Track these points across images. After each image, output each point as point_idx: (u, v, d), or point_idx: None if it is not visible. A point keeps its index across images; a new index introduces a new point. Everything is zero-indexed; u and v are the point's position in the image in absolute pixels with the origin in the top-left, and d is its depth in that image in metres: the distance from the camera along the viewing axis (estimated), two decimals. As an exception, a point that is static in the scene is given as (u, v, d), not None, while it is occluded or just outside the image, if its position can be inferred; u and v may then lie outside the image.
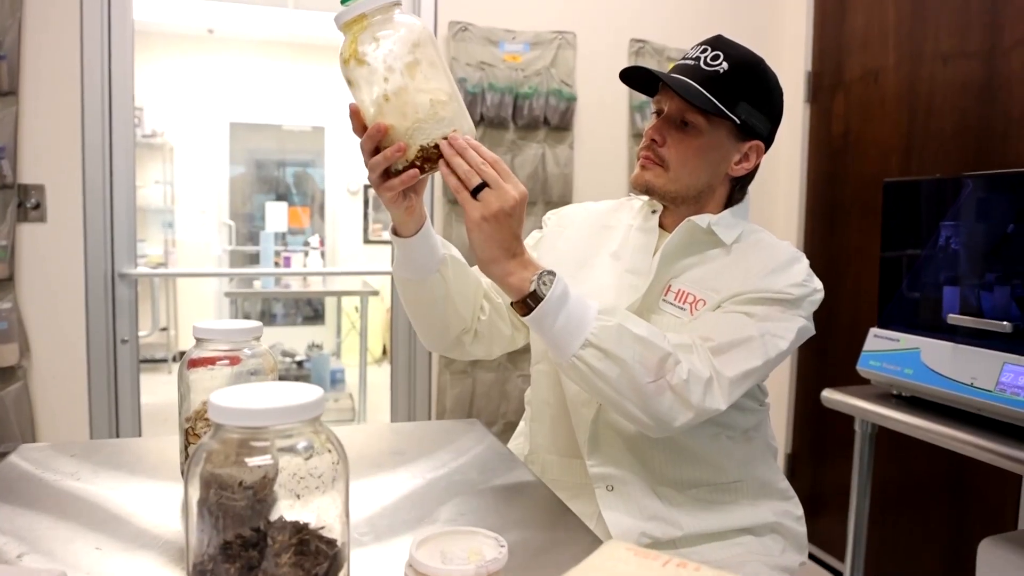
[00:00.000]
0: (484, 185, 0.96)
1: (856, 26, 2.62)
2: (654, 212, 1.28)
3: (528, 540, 0.92)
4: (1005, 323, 1.52)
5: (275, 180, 6.69)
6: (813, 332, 1.19)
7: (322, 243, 6.41)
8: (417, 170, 0.96)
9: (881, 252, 1.89)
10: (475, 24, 2.61)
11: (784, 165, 2.95)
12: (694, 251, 1.22)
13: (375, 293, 4.53)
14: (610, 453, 1.21)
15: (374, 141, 0.95)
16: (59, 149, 2.32)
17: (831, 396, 1.85)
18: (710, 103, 1.15)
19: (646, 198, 1.30)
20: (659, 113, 1.22)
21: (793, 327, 1.14)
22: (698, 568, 0.57)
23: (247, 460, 0.63)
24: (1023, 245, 1.57)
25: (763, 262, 1.18)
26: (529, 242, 1.38)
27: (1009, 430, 1.47)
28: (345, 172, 6.44)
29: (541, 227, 1.42)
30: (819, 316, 1.20)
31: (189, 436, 0.97)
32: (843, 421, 1.90)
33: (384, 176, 0.98)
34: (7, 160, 2.24)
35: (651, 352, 1.02)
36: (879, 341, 1.79)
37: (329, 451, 0.66)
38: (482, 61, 2.60)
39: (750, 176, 1.26)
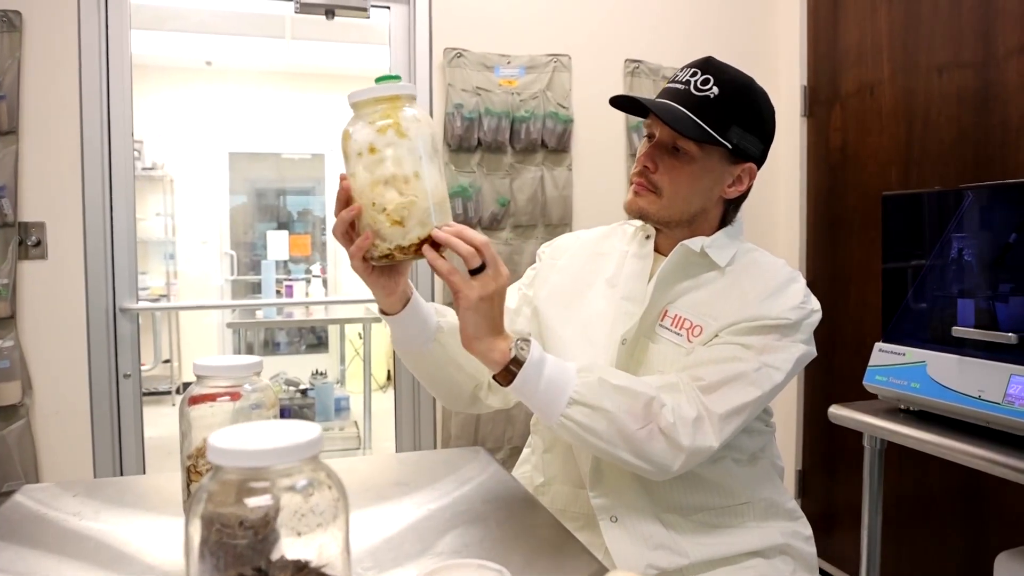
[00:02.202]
0: (482, 267, 0.98)
1: (850, 40, 2.63)
2: (648, 238, 1.28)
3: (532, 570, 0.91)
4: (1011, 334, 1.51)
5: (276, 208, 6.71)
6: (814, 355, 1.18)
7: (323, 271, 6.42)
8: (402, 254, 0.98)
9: (883, 265, 1.88)
10: (470, 50, 2.62)
11: (783, 180, 2.95)
12: (689, 275, 1.22)
13: (378, 320, 4.52)
14: (613, 484, 1.19)
15: (349, 216, 0.99)
16: (59, 186, 2.33)
17: (838, 412, 1.84)
18: (701, 131, 1.15)
19: (639, 223, 1.29)
20: (651, 137, 1.22)
21: (791, 356, 1.13)
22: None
23: (247, 500, 0.62)
24: (1026, 255, 1.57)
25: (759, 286, 1.17)
26: (525, 280, 1.39)
27: (1018, 442, 1.46)
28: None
29: (536, 261, 1.42)
30: (824, 331, 1.20)
31: (191, 474, 0.96)
32: (853, 437, 1.88)
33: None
34: (8, 199, 2.25)
35: (634, 400, 1.04)
36: (884, 356, 1.78)
37: (329, 488, 0.65)
38: (478, 86, 2.62)
39: (743, 197, 1.26)
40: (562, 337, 1.26)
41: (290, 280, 5.70)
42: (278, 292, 5.44)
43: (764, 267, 1.22)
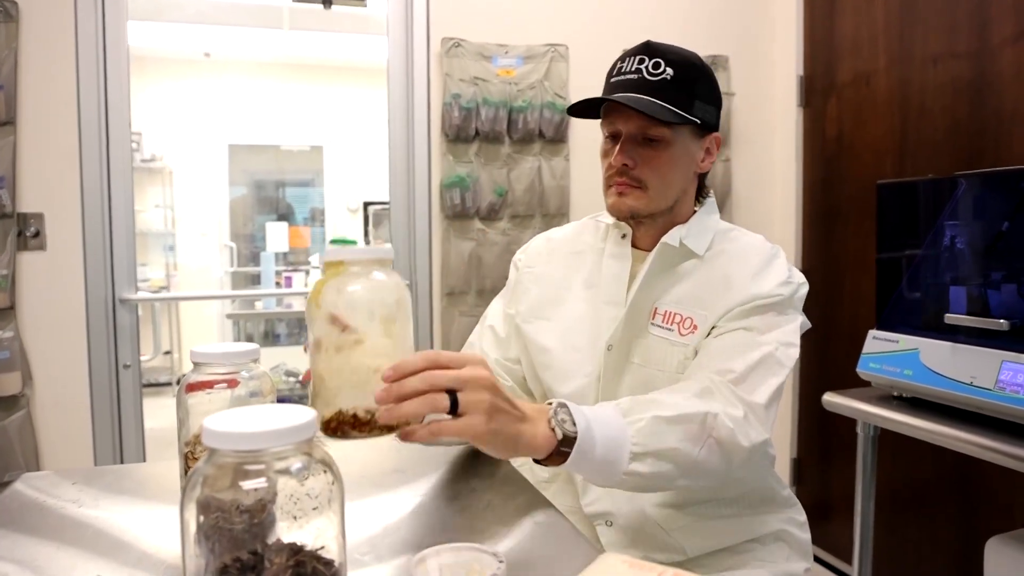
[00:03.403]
0: (454, 399, 0.82)
1: (846, 30, 2.63)
2: (624, 236, 1.26)
3: (528, 556, 0.92)
4: (1003, 321, 1.52)
5: (275, 200, 6.71)
6: (809, 325, 1.19)
7: (323, 262, 6.41)
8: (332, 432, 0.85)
9: (877, 254, 1.89)
10: (468, 40, 2.62)
11: (779, 170, 2.95)
12: (669, 268, 1.21)
13: (377, 310, 4.53)
14: (604, 489, 1.20)
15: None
16: (57, 177, 2.33)
17: (832, 399, 1.85)
18: (674, 114, 1.14)
19: (612, 220, 1.28)
20: (614, 136, 1.21)
21: (794, 328, 1.14)
22: (692, 578, 0.57)
23: (242, 484, 0.63)
24: (1018, 242, 1.57)
25: (742, 268, 1.17)
26: (506, 296, 1.39)
27: (1010, 428, 1.47)
28: (344, 190, 6.47)
29: (513, 269, 1.42)
30: (819, 319, 1.21)
31: (188, 460, 0.97)
32: (847, 424, 1.89)
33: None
34: (6, 189, 2.25)
35: (690, 423, 0.98)
36: (878, 343, 1.79)
37: (324, 472, 0.66)
38: (475, 76, 2.62)
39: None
40: (545, 347, 1.26)
41: (289, 271, 5.71)
42: (277, 284, 5.45)
43: (744, 247, 1.21)
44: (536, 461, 0.92)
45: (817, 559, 2.76)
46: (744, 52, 2.89)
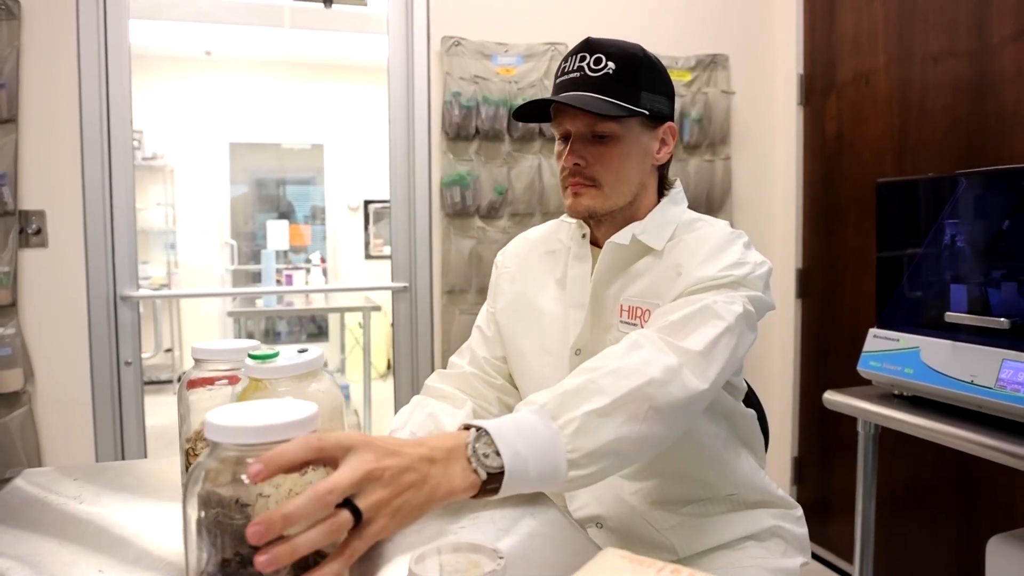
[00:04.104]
0: (352, 508, 0.66)
1: (846, 28, 2.63)
2: (584, 236, 1.25)
3: (527, 552, 0.92)
4: (1003, 319, 1.52)
5: (276, 198, 6.72)
6: (773, 306, 1.13)
7: (323, 260, 6.43)
8: None
9: (877, 252, 1.89)
10: (468, 38, 2.62)
11: (780, 169, 2.96)
12: (627, 265, 1.20)
13: (377, 308, 4.53)
14: (590, 492, 1.20)
15: None
16: (59, 174, 2.34)
17: (833, 398, 1.85)
18: (618, 107, 1.13)
19: (575, 220, 1.27)
20: (565, 137, 1.20)
21: (742, 296, 1.07)
22: (692, 574, 0.57)
23: (244, 478, 0.63)
24: (1019, 241, 1.58)
25: (695, 254, 1.13)
26: (490, 298, 1.38)
27: (1010, 426, 1.47)
28: (345, 189, 6.48)
29: (494, 270, 1.41)
30: (819, 318, 1.20)
31: (190, 456, 0.98)
32: (848, 423, 1.89)
33: None
34: (8, 187, 2.26)
35: (628, 405, 0.89)
36: (878, 341, 1.79)
37: (325, 466, 0.66)
38: (476, 75, 2.62)
39: (671, 157, 1.25)
40: (521, 351, 1.27)
41: (290, 269, 5.72)
42: (278, 281, 5.45)
43: (702, 236, 1.17)
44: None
45: (818, 557, 2.76)
46: (744, 51, 2.89)
